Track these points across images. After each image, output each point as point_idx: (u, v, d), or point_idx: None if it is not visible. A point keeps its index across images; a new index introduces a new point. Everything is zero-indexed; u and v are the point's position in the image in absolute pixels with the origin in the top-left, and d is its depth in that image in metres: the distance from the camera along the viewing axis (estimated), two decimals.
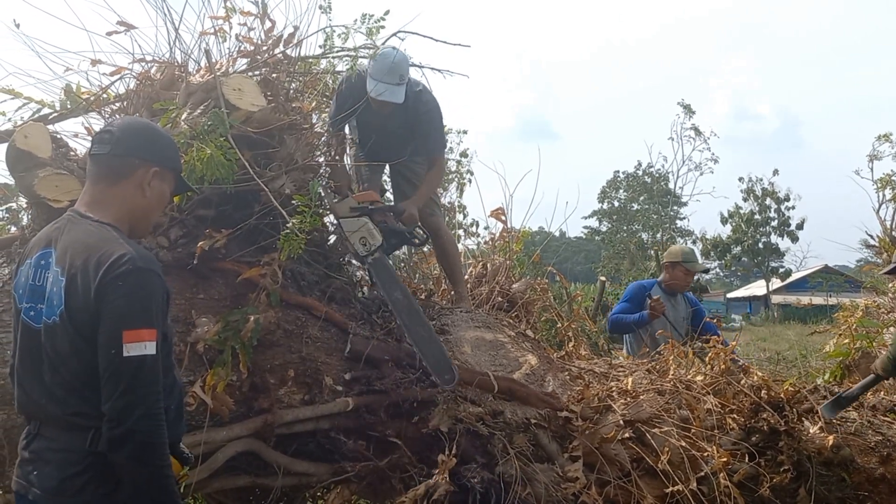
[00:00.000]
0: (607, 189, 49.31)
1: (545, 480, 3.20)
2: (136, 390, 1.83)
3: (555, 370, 3.92)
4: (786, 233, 46.83)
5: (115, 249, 1.90)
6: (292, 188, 3.21)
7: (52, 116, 3.40)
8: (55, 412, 1.93)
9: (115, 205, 2.05)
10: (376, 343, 3.34)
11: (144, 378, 1.84)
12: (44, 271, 1.99)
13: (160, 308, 1.93)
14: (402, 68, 3.86)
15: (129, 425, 1.81)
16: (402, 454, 3.23)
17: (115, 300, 1.85)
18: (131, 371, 1.83)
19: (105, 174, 2.05)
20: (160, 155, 2.13)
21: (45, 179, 2.76)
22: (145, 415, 1.83)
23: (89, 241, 1.94)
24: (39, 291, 1.98)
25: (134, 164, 2.05)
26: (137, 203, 2.09)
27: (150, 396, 1.85)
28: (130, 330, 1.83)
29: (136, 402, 1.83)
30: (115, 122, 2.12)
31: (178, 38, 3.47)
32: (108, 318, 1.85)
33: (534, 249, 6.33)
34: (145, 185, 2.08)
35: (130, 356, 1.82)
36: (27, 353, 2.01)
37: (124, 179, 2.05)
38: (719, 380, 4.18)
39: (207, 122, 2.95)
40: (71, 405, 1.92)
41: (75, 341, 1.89)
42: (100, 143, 2.06)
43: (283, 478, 3.19)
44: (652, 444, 3.40)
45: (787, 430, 3.93)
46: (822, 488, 3.83)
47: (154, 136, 2.15)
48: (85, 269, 1.88)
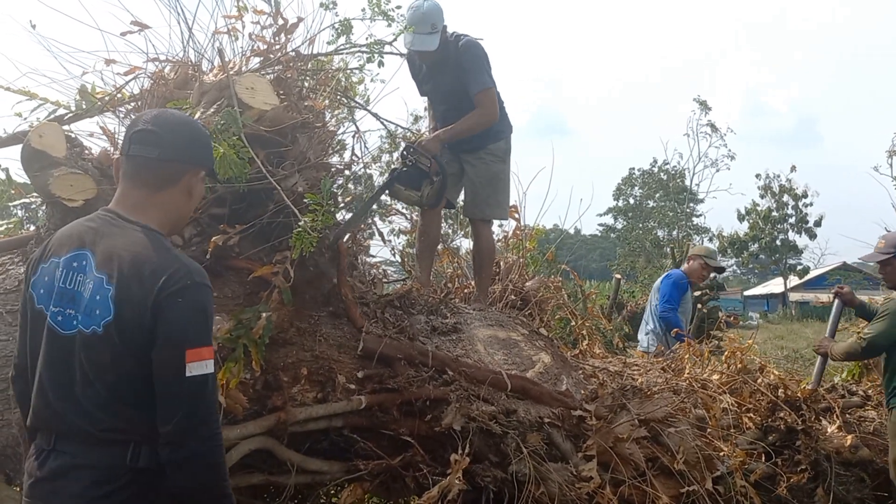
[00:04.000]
0: (622, 186, 49.10)
1: (559, 480, 3.18)
2: (197, 412, 1.76)
3: (569, 369, 3.90)
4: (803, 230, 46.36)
5: (170, 261, 1.81)
6: (305, 186, 3.21)
7: (67, 117, 3.42)
8: (81, 426, 1.81)
9: (160, 209, 1.94)
10: (389, 341, 3.33)
11: (205, 398, 1.78)
12: (77, 274, 1.85)
13: (213, 322, 1.87)
14: (433, 17, 3.98)
15: (193, 448, 1.75)
16: (415, 453, 3.22)
17: (174, 317, 1.76)
18: (193, 391, 1.75)
19: (150, 179, 1.92)
20: (205, 156, 2.04)
21: (59, 179, 2.78)
22: (209, 436, 1.77)
23: (138, 249, 1.83)
24: (70, 295, 1.84)
25: (183, 170, 1.95)
26: (182, 207, 2.00)
27: (211, 416, 1.79)
28: (192, 349, 1.76)
29: (199, 423, 1.76)
30: (153, 118, 1.93)
31: (192, 38, 3.48)
32: (169, 336, 1.76)
33: (548, 247, 6.31)
34: (193, 190, 2.00)
35: (193, 376, 1.75)
36: (53, 361, 1.86)
37: (172, 186, 1.94)
38: (735, 378, 4.15)
39: (220, 121, 2.95)
40: (101, 421, 1.80)
41: (120, 354, 1.78)
42: (143, 144, 1.89)
43: (296, 476, 3.20)
44: (667, 443, 3.38)
45: (805, 429, 3.90)
46: (841, 488, 3.80)
47: (197, 135, 2.02)
48: (140, 280, 1.78)
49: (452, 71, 4.18)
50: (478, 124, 4.16)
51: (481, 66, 4.13)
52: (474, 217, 4.43)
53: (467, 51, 4.13)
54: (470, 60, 4.11)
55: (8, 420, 2.67)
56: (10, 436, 2.68)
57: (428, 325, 3.68)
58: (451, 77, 4.19)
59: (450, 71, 4.18)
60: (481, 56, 4.14)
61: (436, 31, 4.01)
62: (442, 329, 3.68)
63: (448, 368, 3.37)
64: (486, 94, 4.11)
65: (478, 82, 4.10)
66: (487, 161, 4.31)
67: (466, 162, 4.34)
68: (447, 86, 4.24)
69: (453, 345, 3.62)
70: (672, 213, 43.74)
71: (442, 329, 3.68)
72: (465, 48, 4.13)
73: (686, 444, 3.38)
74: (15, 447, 2.68)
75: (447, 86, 4.24)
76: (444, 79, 4.24)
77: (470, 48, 4.13)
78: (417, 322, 3.64)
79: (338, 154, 3.86)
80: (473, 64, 4.11)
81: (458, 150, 4.36)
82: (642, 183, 48.20)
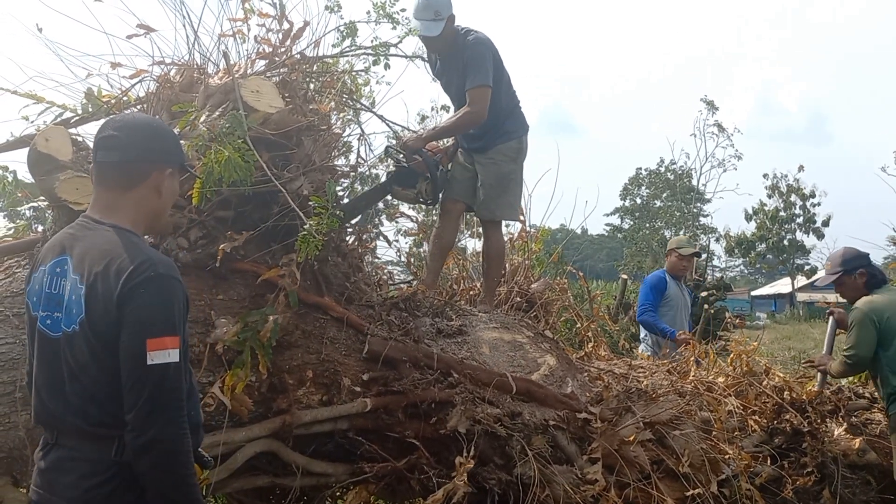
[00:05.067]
0: (629, 186, 48.99)
1: (564, 482, 3.18)
2: (159, 398, 1.80)
3: (574, 371, 3.89)
4: (811, 230, 46.11)
5: (135, 256, 1.87)
6: (310, 189, 3.22)
7: (73, 120, 3.44)
8: (74, 422, 1.90)
9: (131, 209, 2.01)
10: (394, 344, 3.33)
11: (167, 386, 1.82)
12: (60, 279, 1.95)
13: (181, 314, 1.90)
14: (437, 4, 4.01)
15: (153, 434, 1.79)
16: (420, 455, 3.22)
17: (137, 308, 1.82)
18: (154, 379, 1.80)
19: (117, 181, 2.00)
20: (170, 154, 2.09)
21: (65, 182, 2.79)
22: (169, 422, 1.81)
23: (108, 247, 1.90)
24: (56, 299, 1.94)
25: (147, 168, 2.01)
26: (153, 205, 2.06)
27: (172, 404, 1.83)
28: (154, 338, 1.81)
29: (160, 410, 1.80)
30: (115, 123, 2.04)
31: (197, 41, 3.50)
32: (131, 326, 1.82)
33: (554, 247, 6.30)
34: (161, 187, 2.05)
35: (154, 364, 1.80)
36: (44, 362, 1.97)
37: (139, 185, 2.01)
38: (741, 381, 4.13)
39: (226, 124, 2.96)
40: (92, 415, 1.88)
41: (95, 350, 1.86)
42: (106, 149, 1.99)
43: (301, 478, 3.20)
44: (672, 446, 3.37)
45: (811, 431, 3.88)
46: (847, 491, 3.78)
47: (159, 134, 2.10)
48: (105, 275, 1.85)
49: (461, 63, 4.18)
50: (463, 123, 4.15)
51: (482, 63, 4.10)
52: (484, 218, 4.42)
53: (472, 46, 4.13)
54: (472, 56, 4.10)
55: (14, 423, 2.69)
56: (16, 438, 2.69)
57: (433, 327, 3.67)
58: (459, 74, 4.21)
59: (459, 67, 4.19)
60: (484, 54, 4.11)
61: (440, 19, 4.02)
62: (447, 331, 3.68)
63: (453, 371, 3.37)
64: (478, 91, 4.06)
65: (473, 78, 4.07)
66: (498, 161, 4.29)
67: (478, 162, 4.34)
68: (456, 80, 4.25)
69: (458, 347, 3.62)
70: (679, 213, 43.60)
71: (447, 331, 3.68)
72: (471, 44, 4.13)
73: (691, 446, 3.37)
74: (22, 449, 2.70)
75: (456, 80, 4.25)
76: (453, 76, 4.26)
77: (475, 44, 4.13)
78: (423, 324, 3.64)
79: (343, 157, 3.87)
80: (474, 60, 4.09)
81: (471, 151, 4.37)
82: (649, 183, 48.06)
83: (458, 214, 4.46)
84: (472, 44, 4.13)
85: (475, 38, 4.14)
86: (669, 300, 5.91)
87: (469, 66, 4.09)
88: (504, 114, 4.24)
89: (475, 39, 4.14)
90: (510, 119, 4.27)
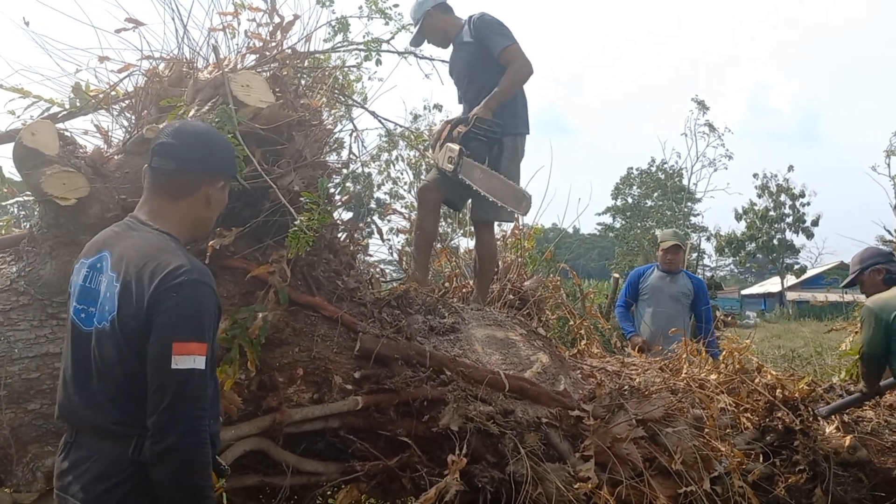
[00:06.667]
0: (621, 185, 49.11)
1: (556, 480, 3.16)
2: (180, 405, 1.79)
3: (567, 368, 3.88)
4: (801, 229, 46.42)
5: (171, 260, 1.88)
6: (301, 185, 3.19)
7: (61, 115, 3.39)
8: (94, 420, 1.90)
9: (178, 216, 2.05)
10: (386, 341, 3.31)
11: (190, 393, 1.80)
12: (97, 275, 1.97)
13: (212, 322, 1.90)
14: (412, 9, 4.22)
15: (172, 441, 1.77)
16: (412, 453, 3.20)
17: (167, 311, 1.82)
18: (177, 385, 1.79)
19: (168, 189, 2.04)
20: (224, 166, 2.14)
21: (52, 177, 2.74)
22: (188, 431, 1.79)
23: (147, 249, 1.92)
24: (92, 294, 1.96)
25: (201, 180, 2.06)
26: (201, 215, 2.11)
27: (194, 412, 1.81)
28: (180, 342, 1.80)
29: (180, 417, 1.78)
30: (173, 131, 2.08)
31: (187, 35, 3.45)
32: (159, 329, 1.82)
33: (546, 246, 6.29)
34: (211, 199, 2.10)
35: (178, 369, 1.79)
36: (75, 355, 1.98)
37: (190, 196, 2.05)
38: (733, 378, 4.13)
39: (215, 118, 2.92)
40: (111, 414, 1.88)
41: (122, 349, 1.86)
42: (162, 156, 2.02)
43: (291, 477, 3.17)
44: (665, 443, 3.36)
45: (803, 429, 3.88)
46: (839, 489, 3.78)
47: (215, 145, 2.14)
48: (140, 277, 1.86)
49: (463, 47, 4.23)
50: (516, 80, 4.08)
51: (495, 29, 4.10)
52: (477, 219, 4.36)
53: (478, 22, 4.14)
54: (482, 29, 4.11)
55: None
56: (1, 437, 2.65)
57: (426, 324, 3.65)
58: (464, 53, 4.24)
59: (461, 47, 4.24)
60: (493, 21, 4.12)
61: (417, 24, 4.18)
62: (440, 329, 3.66)
63: (446, 368, 3.35)
64: (510, 49, 4.04)
65: (497, 43, 4.05)
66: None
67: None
68: (461, 63, 4.29)
69: (451, 345, 3.60)
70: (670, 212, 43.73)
71: (440, 329, 3.66)
72: (476, 22, 4.15)
73: (684, 444, 3.37)
74: (6, 449, 2.66)
75: (461, 63, 4.29)
76: (458, 59, 4.31)
77: (480, 20, 4.15)
78: (415, 322, 3.62)
79: (335, 152, 3.83)
80: (487, 29, 4.09)
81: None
82: (640, 182, 48.20)
83: (435, 204, 4.37)
84: (476, 21, 4.15)
85: (478, 16, 4.17)
86: (647, 293, 6.00)
87: (486, 36, 4.09)
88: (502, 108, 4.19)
89: (478, 16, 4.17)
90: (510, 115, 4.21)
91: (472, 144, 3.90)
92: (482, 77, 4.11)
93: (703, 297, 6.02)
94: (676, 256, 6.04)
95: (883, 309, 3.89)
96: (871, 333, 3.91)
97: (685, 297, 5.95)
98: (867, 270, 4.19)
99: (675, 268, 6.04)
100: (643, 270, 6.23)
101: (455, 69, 4.36)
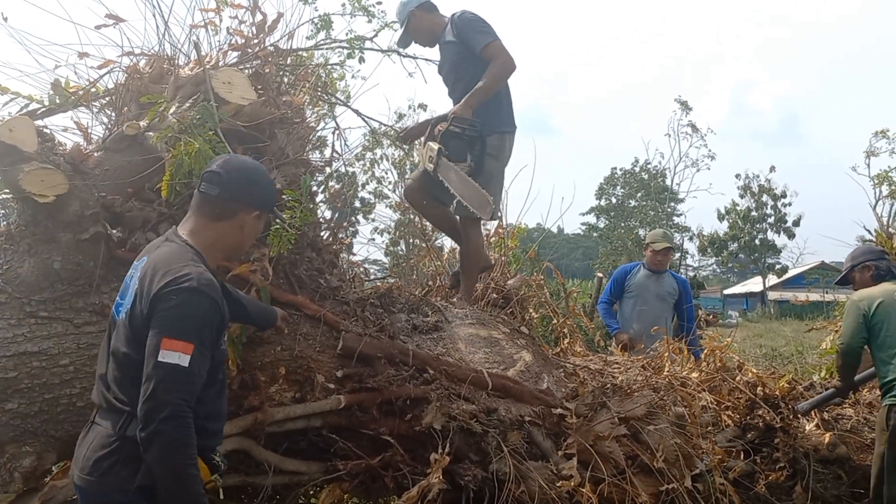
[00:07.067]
0: (605, 186, 49.29)
1: (539, 478, 3.17)
2: (162, 394, 1.95)
3: (550, 367, 3.89)
4: (782, 229, 46.88)
5: (182, 268, 2.08)
6: (283, 183, 3.17)
7: (40, 111, 3.35)
8: (104, 397, 2.14)
9: (213, 236, 2.28)
10: (369, 340, 3.30)
11: (172, 385, 1.96)
12: (134, 273, 2.22)
13: (208, 330, 2.08)
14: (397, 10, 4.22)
15: (154, 427, 1.93)
16: (395, 452, 3.20)
17: (164, 310, 2.02)
18: (161, 375, 1.96)
19: (209, 211, 2.27)
20: (263, 201, 2.36)
21: (30, 174, 2.71)
22: (168, 417, 1.94)
23: (168, 257, 2.15)
24: (125, 290, 2.23)
25: (238, 208, 2.28)
26: (234, 239, 2.33)
27: (175, 401, 1.96)
28: (169, 339, 1.99)
29: (162, 405, 1.94)
30: (222, 162, 2.33)
31: (168, 31, 3.42)
32: (155, 325, 2.02)
33: (530, 245, 6.30)
34: (245, 227, 2.33)
35: (163, 362, 1.97)
36: (106, 342, 2.24)
37: (226, 220, 2.28)
38: (715, 376, 4.16)
39: (196, 115, 2.90)
40: (114, 392, 2.12)
41: (129, 337, 2.10)
42: (209, 182, 2.26)
43: (273, 476, 3.16)
44: (647, 441, 3.37)
45: (783, 426, 3.92)
46: (819, 486, 3.82)
47: (258, 181, 2.36)
48: (152, 278, 2.08)
49: (448, 46, 4.22)
50: (498, 76, 4.05)
51: (476, 26, 4.09)
52: (462, 215, 4.34)
53: (459, 21, 4.13)
54: (463, 28, 4.10)
55: None
56: None
57: (409, 323, 3.64)
58: (449, 52, 4.23)
59: (446, 47, 4.23)
60: (473, 18, 4.11)
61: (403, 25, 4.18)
62: (423, 327, 3.65)
63: (429, 367, 3.34)
64: (491, 46, 4.02)
65: (478, 41, 4.04)
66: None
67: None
68: (447, 62, 4.28)
69: (434, 343, 3.60)
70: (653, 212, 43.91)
71: (423, 327, 3.65)
72: (457, 21, 4.14)
73: (666, 441, 3.38)
74: None
75: (447, 62, 4.28)
76: (444, 59, 4.30)
77: (461, 18, 4.14)
78: (398, 320, 3.61)
79: (318, 150, 3.81)
80: (468, 27, 4.08)
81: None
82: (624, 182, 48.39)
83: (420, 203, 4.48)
84: (457, 20, 4.14)
85: (459, 14, 4.16)
86: (632, 290, 6.07)
87: (466, 33, 4.08)
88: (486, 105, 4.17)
89: (459, 14, 4.16)
90: (493, 112, 4.20)
91: (452, 143, 3.88)
92: (468, 75, 4.10)
93: (687, 296, 6.11)
94: (666, 258, 6.15)
95: (863, 300, 3.97)
96: (850, 324, 3.98)
97: (670, 296, 6.04)
98: (857, 267, 4.29)
99: (664, 268, 6.13)
100: (629, 268, 6.30)
101: (443, 69, 4.35)
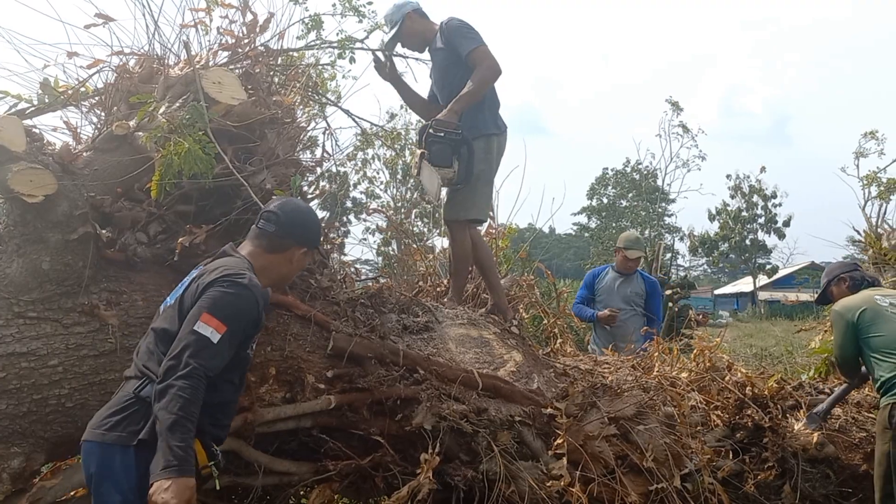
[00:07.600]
0: (596, 186, 49.41)
1: (529, 478, 3.18)
2: (186, 357, 2.20)
3: (540, 367, 3.89)
4: (773, 229, 47.11)
5: (236, 270, 2.42)
6: (273, 183, 3.17)
7: (29, 111, 3.33)
8: (135, 367, 2.40)
9: (263, 263, 2.60)
10: (359, 340, 3.30)
11: (197, 351, 2.21)
12: (190, 275, 2.55)
13: (245, 323, 2.36)
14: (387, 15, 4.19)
15: (171, 381, 2.17)
16: (385, 452, 3.20)
17: (212, 293, 2.32)
18: (191, 340, 2.23)
19: (265, 243, 2.63)
20: (311, 239, 2.74)
21: (19, 174, 2.69)
22: (186, 375, 2.17)
23: (225, 263, 2.49)
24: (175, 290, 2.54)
25: (290, 244, 2.65)
26: (283, 270, 2.69)
27: (195, 365, 2.19)
28: (208, 315, 2.27)
29: (183, 365, 2.19)
30: (280, 203, 2.69)
31: (158, 31, 3.41)
32: (201, 302, 2.31)
33: (521, 245, 6.31)
34: (294, 260, 2.69)
35: (197, 331, 2.24)
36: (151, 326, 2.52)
37: (279, 253, 2.64)
38: (704, 376, 4.17)
39: (186, 115, 2.89)
40: (143, 360, 2.38)
41: (172, 318, 2.38)
42: (267, 220, 2.63)
43: (263, 477, 3.16)
44: (637, 441, 3.39)
45: (772, 426, 3.93)
46: (807, 485, 3.84)
47: (310, 223, 2.75)
48: (211, 273, 2.40)
49: (437, 53, 4.22)
50: (483, 81, 4.05)
51: (462, 32, 4.09)
52: (448, 218, 4.31)
53: (446, 28, 4.13)
54: (450, 33, 4.10)
55: None
56: None
57: (399, 323, 3.64)
58: (438, 59, 4.23)
59: (436, 53, 4.23)
60: (460, 25, 4.11)
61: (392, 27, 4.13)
62: (413, 328, 3.65)
63: (419, 367, 3.35)
64: (476, 51, 4.03)
65: (464, 47, 4.04)
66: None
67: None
68: (437, 68, 4.28)
69: (424, 343, 3.60)
70: (644, 212, 44.07)
71: (413, 328, 3.65)
72: (444, 28, 4.14)
73: (655, 441, 3.40)
74: None
75: (437, 68, 4.28)
76: (434, 65, 4.30)
77: (448, 24, 4.14)
78: (389, 321, 3.61)
79: (308, 150, 3.81)
80: (454, 33, 4.08)
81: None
82: (615, 183, 48.52)
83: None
84: (444, 27, 4.14)
85: (446, 21, 4.16)
86: (602, 294, 6.06)
87: (453, 40, 4.08)
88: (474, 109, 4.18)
89: (446, 21, 4.16)
90: (481, 115, 4.20)
91: (434, 147, 3.89)
92: (456, 80, 4.11)
93: (655, 295, 6.13)
94: (636, 263, 6.14)
95: (847, 309, 4.00)
96: (841, 336, 4.00)
97: (639, 297, 6.01)
98: (833, 282, 4.35)
99: (632, 271, 6.11)
100: (598, 272, 6.28)
101: (434, 75, 4.37)
